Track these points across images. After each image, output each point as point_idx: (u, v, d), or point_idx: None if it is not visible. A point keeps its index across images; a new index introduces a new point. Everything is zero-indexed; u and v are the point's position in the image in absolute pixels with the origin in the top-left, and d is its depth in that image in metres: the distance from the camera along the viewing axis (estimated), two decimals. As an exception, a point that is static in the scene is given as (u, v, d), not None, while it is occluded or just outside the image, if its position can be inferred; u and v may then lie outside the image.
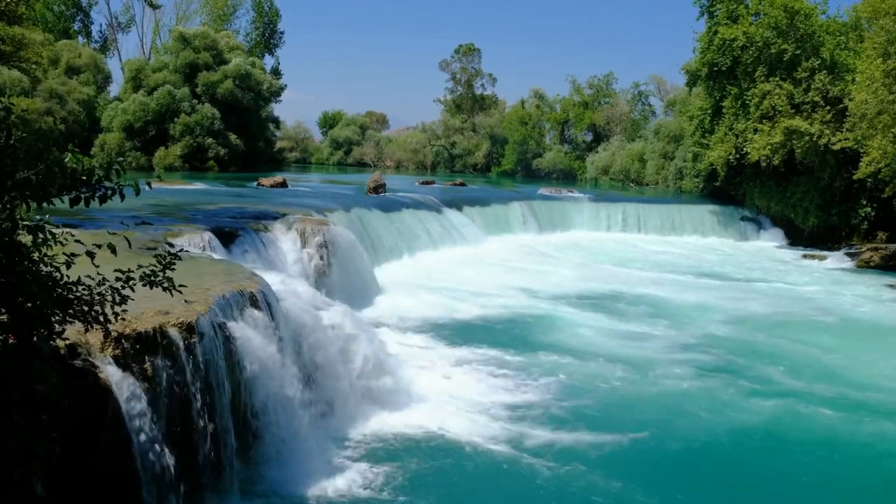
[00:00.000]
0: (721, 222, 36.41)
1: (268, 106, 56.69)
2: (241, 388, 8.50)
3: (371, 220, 23.60)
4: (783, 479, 9.71)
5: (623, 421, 11.14)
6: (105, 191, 5.02)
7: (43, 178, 4.79)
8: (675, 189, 49.37)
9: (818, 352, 15.54)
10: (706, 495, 9.30)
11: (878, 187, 30.44)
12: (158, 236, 13.26)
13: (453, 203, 30.23)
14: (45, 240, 4.92)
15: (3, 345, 4.89)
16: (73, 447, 6.02)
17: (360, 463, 9.29)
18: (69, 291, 5.12)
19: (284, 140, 71.83)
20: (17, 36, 28.11)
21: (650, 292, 21.39)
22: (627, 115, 67.15)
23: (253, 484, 8.42)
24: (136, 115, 47.61)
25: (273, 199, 24.01)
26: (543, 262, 26.17)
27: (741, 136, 34.37)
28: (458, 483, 9.07)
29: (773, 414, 11.80)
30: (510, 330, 16.28)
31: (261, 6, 71.06)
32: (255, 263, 14.24)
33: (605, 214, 35.81)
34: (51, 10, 60.12)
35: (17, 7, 22.22)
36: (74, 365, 6.36)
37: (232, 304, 8.81)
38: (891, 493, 9.67)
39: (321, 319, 10.76)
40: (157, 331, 7.27)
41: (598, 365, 13.83)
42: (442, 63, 79.33)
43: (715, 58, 34.98)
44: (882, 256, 29.24)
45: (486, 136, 74.22)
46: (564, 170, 65.58)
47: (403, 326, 15.93)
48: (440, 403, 11.28)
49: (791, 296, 22.19)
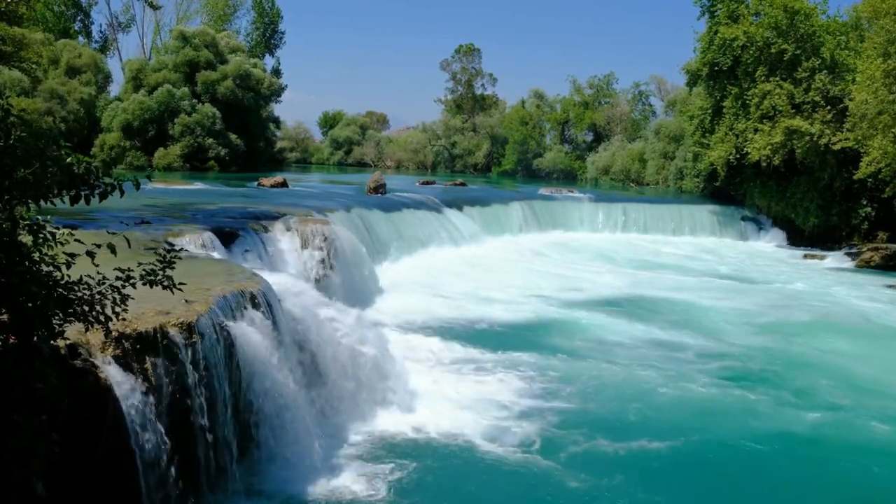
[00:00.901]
0: (721, 222, 36.39)
1: (268, 106, 56.65)
2: (241, 388, 8.48)
3: (372, 220, 23.59)
4: (814, 485, 9.65)
5: (634, 423, 11.09)
6: (105, 187, 5.02)
7: (41, 177, 4.78)
8: (676, 189, 49.35)
9: (832, 355, 15.45)
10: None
11: (879, 187, 30.43)
12: (158, 236, 13.23)
13: (454, 203, 30.22)
14: (45, 239, 4.92)
15: (4, 345, 4.88)
16: (73, 447, 6.00)
17: (361, 463, 9.27)
18: (70, 291, 5.11)
19: (285, 140, 71.79)
20: (18, 36, 28.12)
21: (651, 292, 21.37)
22: (628, 114, 67.12)
23: (253, 484, 8.40)
24: (136, 114, 47.56)
25: (273, 199, 23.99)
26: (545, 262, 26.15)
27: (741, 136, 34.34)
28: (460, 484, 9.04)
29: (794, 419, 11.69)
30: (513, 330, 16.25)
31: (262, 6, 71.04)
32: (256, 263, 14.21)
33: (605, 214, 35.81)
34: (51, 10, 60.10)
35: (18, 7, 22.20)
36: (75, 365, 6.34)
37: (232, 305, 8.79)
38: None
39: (322, 319, 10.75)
40: (158, 331, 7.26)
41: (602, 364, 13.81)
42: (442, 63, 79.35)
43: (715, 57, 34.95)
44: (882, 256, 29.23)
45: (486, 136, 74.20)
46: (565, 170, 65.56)
47: (405, 326, 15.91)
48: (442, 404, 11.26)
49: (794, 296, 22.16)
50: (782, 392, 12.80)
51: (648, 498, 8.85)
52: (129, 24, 68.79)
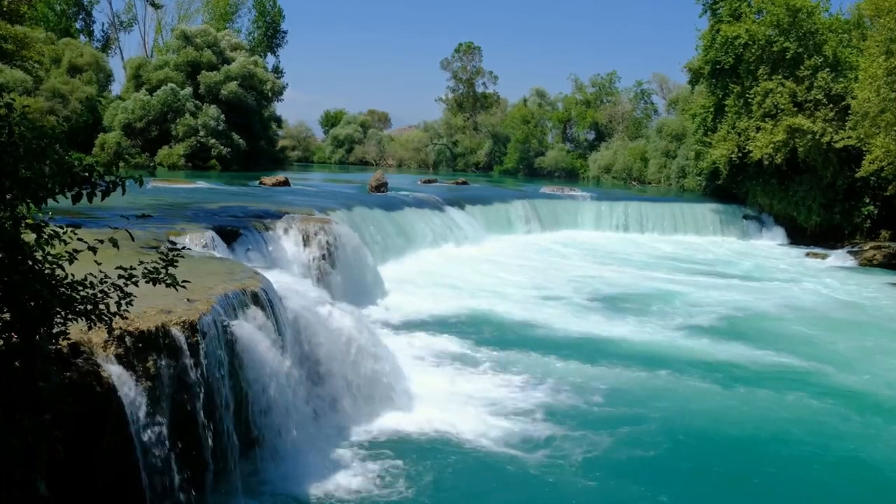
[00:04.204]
0: (723, 221, 36.36)
1: (270, 105, 56.68)
2: (243, 387, 8.48)
3: (374, 219, 23.58)
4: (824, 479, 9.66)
5: (646, 423, 11.01)
6: (107, 186, 5.01)
7: (43, 176, 4.77)
8: (678, 188, 49.34)
9: (834, 355, 15.43)
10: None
11: (881, 186, 30.41)
12: (161, 235, 13.22)
13: (456, 202, 30.22)
14: (47, 238, 4.91)
15: (6, 344, 4.87)
16: (75, 446, 6.00)
17: (363, 462, 9.26)
18: (73, 290, 5.10)
19: (286, 139, 71.88)
20: (20, 35, 28.16)
21: (652, 292, 21.36)
22: (630, 113, 67.15)
23: (255, 482, 8.40)
24: (138, 113, 47.61)
25: (275, 198, 23.99)
26: (547, 261, 26.13)
27: (743, 135, 34.29)
28: (461, 483, 9.02)
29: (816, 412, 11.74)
30: (516, 329, 16.21)
31: (263, 5, 71.04)
32: (258, 262, 14.21)
33: (607, 213, 35.81)
34: (52, 10, 60.12)
35: (20, 6, 22.21)
36: (77, 364, 6.34)
37: (234, 303, 8.78)
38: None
39: (324, 318, 10.74)
40: (160, 329, 7.25)
41: (604, 364, 13.74)
42: (443, 62, 79.51)
43: (717, 56, 34.89)
44: (885, 255, 29.20)
45: (487, 135, 74.23)
46: (566, 168, 65.57)
47: (407, 325, 15.90)
48: (444, 402, 11.25)
49: (798, 295, 22.13)
50: (824, 390, 12.77)
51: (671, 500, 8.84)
52: (130, 24, 68.95)
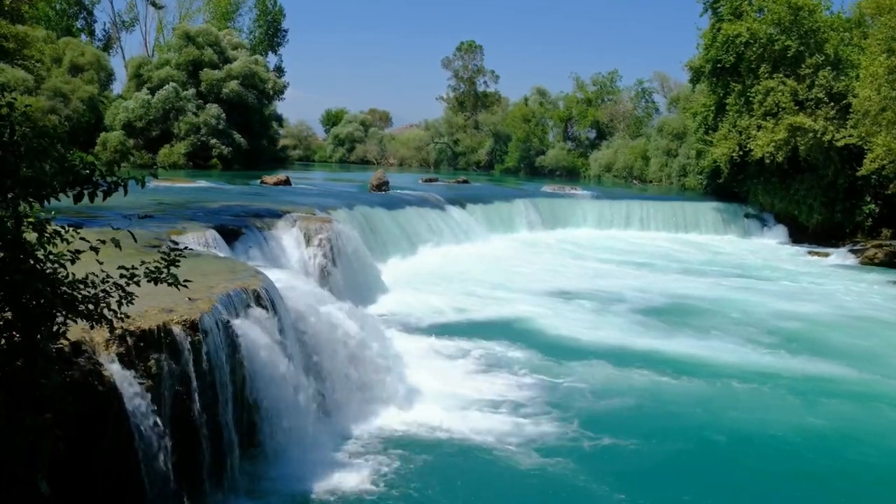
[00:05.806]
0: (725, 220, 36.34)
1: (271, 104, 56.67)
2: (244, 386, 8.48)
3: (375, 218, 23.58)
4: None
5: (648, 423, 11.04)
6: (109, 185, 5.01)
7: (44, 175, 4.77)
8: (679, 186, 49.32)
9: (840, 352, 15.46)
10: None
11: (883, 184, 30.37)
12: (162, 234, 13.23)
13: (457, 201, 30.22)
14: (49, 237, 4.91)
15: (8, 343, 4.88)
16: (76, 445, 6.01)
17: (363, 460, 9.26)
18: (75, 289, 5.11)
19: (287, 138, 71.85)
20: (21, 34, 28.17)
21: (653, 291, 21.34)
22: (631, 112, 67.11)
23: (256, 481, 8.40)
24: (139, 112, 47.61)
25: (276, 197, 24.00)
26: (548, 261, 26.11)
27: (745, 133, 34.25)
28: (462, 482, 9.02)
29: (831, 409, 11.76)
30: (517, 329, 16.16)
31: (264, 4, 71.01)
32: (259, 261, 14.22)
33: (608, 212, 35.79)
34: (53, 9, 60.08)
35: (20, 5, 22.22)
36: (78, 363, 6.35)
37: (236, 302, 8.79)
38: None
39: (325, 317, 10.74)
40: (161, 328, 7.26)
41: (606, 364, 13.71)
42: (444, 61, 79.49)
43: (718, 54, 34.85)
44: (886, 253, 29.19)
45: (489, 134, 74.21)
46: (567, 167, 65.55)
47: (408, 324, 15.89)
48: (445, 402, 11.25)
49: (801, 294, 22.12)
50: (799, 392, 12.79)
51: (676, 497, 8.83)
52: (132, 23, 68.94)
